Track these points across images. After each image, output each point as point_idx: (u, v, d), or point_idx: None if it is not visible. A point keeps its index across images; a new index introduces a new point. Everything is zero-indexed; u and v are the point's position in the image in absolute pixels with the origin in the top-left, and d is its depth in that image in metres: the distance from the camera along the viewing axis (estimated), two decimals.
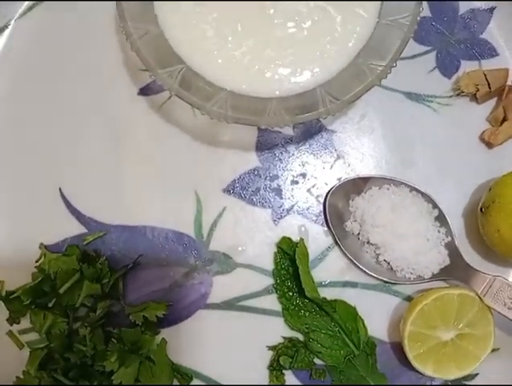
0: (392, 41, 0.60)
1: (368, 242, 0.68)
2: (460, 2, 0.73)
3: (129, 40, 0.59)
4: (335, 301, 0.69)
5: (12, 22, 0.73)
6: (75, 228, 0.70)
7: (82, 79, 0.72)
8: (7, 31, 0.72)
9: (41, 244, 0.70)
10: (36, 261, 0.69)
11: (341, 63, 0.62)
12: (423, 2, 0.65)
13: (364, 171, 0.71)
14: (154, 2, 0.62)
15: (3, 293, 0.69)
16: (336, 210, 0.70)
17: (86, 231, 0.70)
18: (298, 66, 0.61)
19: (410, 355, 0.65)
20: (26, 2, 0.73)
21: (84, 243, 0.70)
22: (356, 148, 0.71)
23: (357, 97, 0.59)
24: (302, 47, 0.61)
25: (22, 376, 0.66)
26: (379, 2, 0.62)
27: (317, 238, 0.71)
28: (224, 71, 0.61)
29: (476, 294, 0.66)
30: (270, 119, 0.59)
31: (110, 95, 0.71)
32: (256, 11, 0.62)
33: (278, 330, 0.69)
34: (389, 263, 0.68)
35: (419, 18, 0.59)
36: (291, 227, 0.71)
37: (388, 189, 0.69)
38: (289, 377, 0.69)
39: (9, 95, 0.72)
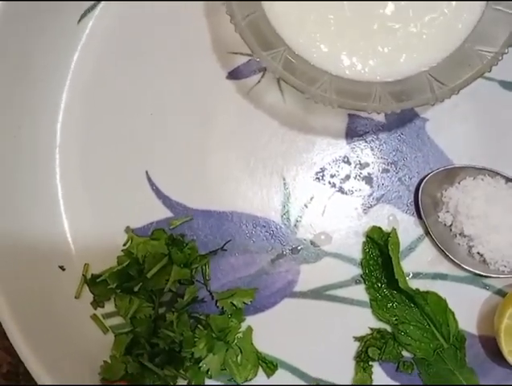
0: (502, 27, 0.59)
1: (461, 233, 0.67)
2: None
3: (233, 21, 0.58)
4: (427, 292, 0.67)
5: (101, 3, 0.71)
6: (161, 212, 0.70)
7: (170, 63, 0.71)
8: (96, 12, 0.71)
9: (127, 227, 0.69)
10: (124, 245, 0.67)
11: (448, 48, 0.60)
12: None
13: (457, 161, 0.69)
14: None
15: (89, 277, 0.68)
16: (428, 200, 0.69)
17: (172, 215, 0.69)
18: (404, 50, 0.60)
19: (505, 350, 0.64)
20: None
21: (171, 227, 0.69)
22: (449, 137, 0.70)
23: (467, 84, 0.58)
24: (408, 31, 0.60)
25: (109, 361, 0.65)
26: None
27: (407, 228, 0.69)
28: (327, 55, 0.60)
29: None
30: (375, 104, 0.58)
31: (198, 78, 0.71)
32: None
33: (365, 321, 0.68)
34: (482, 255, 0.67)
35: None
36: (380, 217, 0.70)
37: (483, 180, 0.68)
38: (375, 368, 0.67)
39: (96, 78, 0.72)
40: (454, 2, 0.60)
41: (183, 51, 0.71)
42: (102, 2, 0.71)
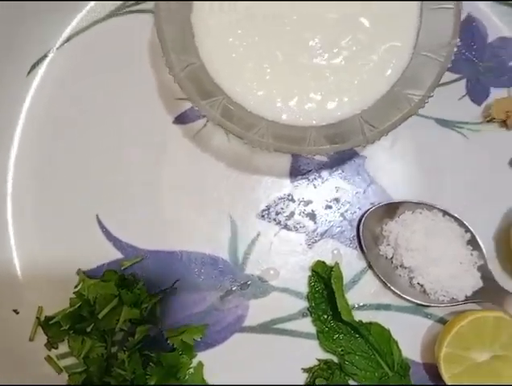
0: (429, 72, 0.62)
1: (401, 265, 0.70)
2: (490, 31, 0.75)
3: (171, 73, 0.60)
4: (370, 323, 0.70)
5: (51, 52, 0.74)
6: (112, 254, 0.72)
7: (120, 108, 0.73)
8: (47, 60, 0.74)
9: (79, 269, 0.71)
10: (75, 287, 0.69)
11: (379, 92, 0.63)
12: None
13: (397, 196, 0.72)
14: (196, 35, 0.63)
15: (42, 319, 0.70)
16: (369, 234, 0.71)
17: (123, 256, 0.71)
18: (336, 95, 0.63)
19: (445, 376, 0.66)
20: (64, 34, 0.74)
21: (122, 268, 0.71)
22: (388, 173, 0.73)
23: (396, 126, 0.60)
24: (340, 77, 0.63)
25: None
26: (415, 34, 0.63)
27: (351, 262, 0.72)
28: (264, 102, 0.63)
29: (511, 317, 0.67)
30: (310, 148, 0.60)
31: (147, 124, 0.73)
32: (296, 43, 0.63)
33: (312, 353, 0.70)
34: (422, 286, 0.69)
35: (455, 49, 0.60)
36: (324, 251, 0.72)
37: (421, 213, 0.71)
38: None
39: (48, 123, 0.74)
40: (382, 49, 0.63)
41: (131, 98, 0.73)
42: (51, 54, 0.73)
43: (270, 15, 0.63)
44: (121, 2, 0.75)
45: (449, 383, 0.67)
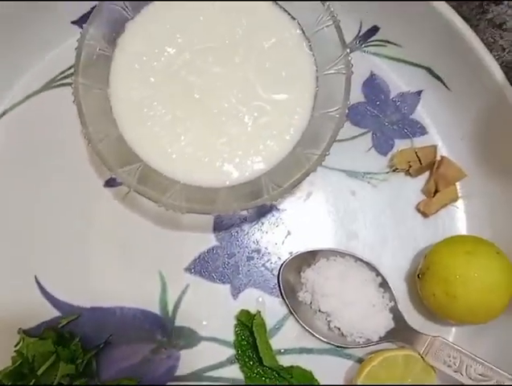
0: (325, 131, 0.66)
1: (319, 310, 0.74)
2: (391, 87, 0.81)
3: (90, 144, 0.65)
4: (291, 367, 0.74)
5: None
6: (50, 312, 0.76)
7: (53, 175, 0.78)
8: None
9: (19, 329, 0.75)
10: (15, 346, 0.74)
11: (281, 153, 0.68)
12: (358, 89, 0.74)
13: (313, 245, 0.77)
14: (113, 107, 0.69)
15: None
16: (289, 282, 0.76)
17: (60, 314, 0.76)
18: (243, 158, 0.68)
19: None
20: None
21: (59, 326, 0.75)
22: (304, 224, 0.78)
23: (297, 184, 0.65)
24: (246, 142, 0.68)
25: None
26: (313, 99, 0.69)
27: (274, 308, 0.77)
28: (178, 166, 0.67)
29: (419, 354, 0.71)
30: (220, 207, 0.65)
31: (79, 188, 0.78)
32: (203, 111, 0.68)
33: None
34: (339, 329, 0.74)
35: (347, 111, 0.66)
36: (249, 300, 0.77)
37: (335, 260, 0.75)
38: None
39: None
40: (284, 115, 0.69)
41: (64, 164, 0.78)
42: None
43: (179, 89, 0.69)
44: (53, 76, 0.81)
45: None
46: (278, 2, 0.70)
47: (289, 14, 0.70)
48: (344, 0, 0.74)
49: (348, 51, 0.66)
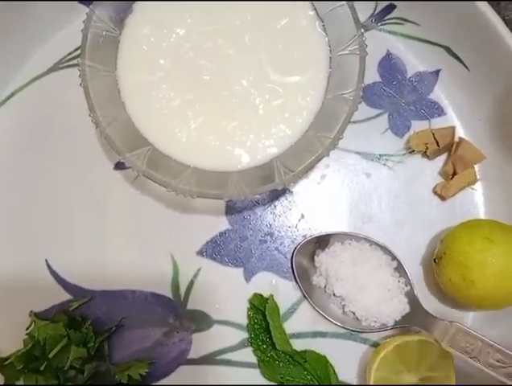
0: (339, 114, 0.65)
1: (334, 294, 0.73)
2: (408, 67, 0.79)
3: (98, 128, 0.64)
4: (305, 351, 0.73)
5: None
6: (62, 295, 0.75)
7: (62, 158, 0.78)
8: None
9: (31, 311, 0.75)
10: (26, 329, 0.73)
11: (294, 136, 0.67)
12: (373, 69, 0.72)
13: (327, 228, 0.76)
14: (121, 91, 0.67)
15: None
16: (302, 266, 0.75)
17: (72, 297, 0.75)
18: (255, 142, 0.66)
19: None
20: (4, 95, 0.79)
21: (70, 309, 0.75)
22: (318, 207, 0.77)
23: (310, 168, 0.64)
24: (257, 125, 0.67)
25: None
26: (326, 80, 0.67)
27: (287, 292, 0.76)
28: (187, 150, 0.66)
29: (435, 339, 0.70)
30: (231, 192, 0.64)
31: (89, 171, 0.77)
32: (213, 94, 0.67)
33: (255, 381, 0.74)
34: (354, 313, 0.73)
35: (361, 93, 0.64)
36: (262, 284, 0.76)
37: (349, 244, 0.74)
38: None
39: None
40: (297, 98, 0.67)
41: (74, 147, 0.78)
42: None
43: (189, 71, 0.68)
44: (59, 58, 0.80)
45: None
46: None
47: None
48: None
49: (362, 31, 0.65)
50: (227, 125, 0.67)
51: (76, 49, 0.74)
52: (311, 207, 0.77)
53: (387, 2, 0.78)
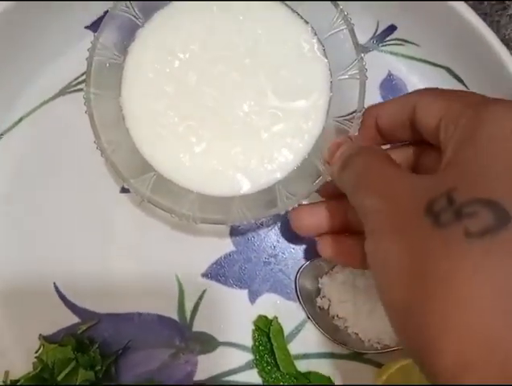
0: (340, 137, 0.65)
1: (337, 316, 0.74)
2: (409, 88, 0.80)
3: (103, 155, 0.65)
4: (309, 372, 0.74)
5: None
6: (70, 319, 0.76)
7: (70, 181, 0.79)
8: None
9: (40, 335, 0.76)
10: (36, 352, 0.75)
11: (295, 161, 0.67)
12: (375, 90, 0.73)
13: None
14: (125, 116, 0.68)
15: (8, 383, 0.75)
16: (306, 287, 0.76)
17: (79, 320, 0.76)
18: (257, 167, 0.67)
19: None
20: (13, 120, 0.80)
21: (78, 332, 0.76)
22: None
23: (311, 192, 0.64)
24: (259, 150, 0.67)
25: None
26: (327, 104, 0.68)
27: (292, 313, 0.76)
28: (191, 175, 0.67)
29: None
30: (234, 218, 0.65)
31: (95, 195, 0.78)
32: (216, 120, 0.68)
33: None
34: (357, 334, 0.74)
35: (362, 116, 0.64)
36: (267, 305, 0.77)
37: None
38: None
39: (5, 198, 0.79)
40: (299, 122, 0.68)
41: (81, 173, 0.79)
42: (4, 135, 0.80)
43: (192, 97, 0.69)
44: (67, 82, 0.81)
45: None
46: (289, 5, 0.69)
47: (302, 17, 0.69)
48: (360, 0, 0.73)
49: (362, 55, 0.65)
50: (230, 151, 0.68)
51: (83, 74, 0.74)
52: None
53: (388, 23, 0.78)
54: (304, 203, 0.66)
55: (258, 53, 0.69)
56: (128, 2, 0.67)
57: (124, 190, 0.78)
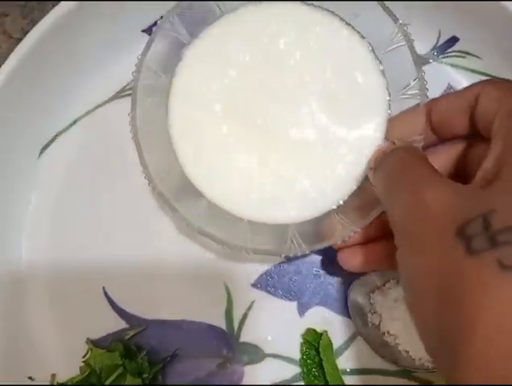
0: None
1: (388, 332, 0.73)
2: None
3: (151, 185, 0.63)
4: None
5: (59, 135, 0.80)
6: (117, 324, 0.76)
7: (123, 186, 0.78)
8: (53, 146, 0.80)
9: (87, 339, 0.76)
10: (83, 356, 0.75)
11: (352, 185, 0.65)
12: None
13: None
14: (173, 140, 0.66)
15: (55, 384, 0.76)
16: (357, 302, 0.75)
17: (127, 326, 0.76)
18: (314, 193, 0.65)
19: None
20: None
21: (126, 337, 0.76)
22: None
23: (369, 221, 0.62)
24: (316, 177, 0.65)
25: None
26: (385, 125, 0.65)
27: (342, 327, 0.76)
28: (242, 201, 0.65)
29: None
30: (288, 248, 0.63)
31: (148, 202, 0.78)
32: (267, 146, 0.65)
33: None
34: (408, 352, 0.72)
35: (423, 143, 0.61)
36: (316, 318, 0.76)
37: None
38: None
39: (56, 200, 0.79)
40: (354, 139, 0.65)
41: (130, 177, 0.77)
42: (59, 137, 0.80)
43: (242, 120, 0.66)
44: (123, 85, 0.80)
45: None
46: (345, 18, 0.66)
47: (358, 32, 0.66)
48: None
49: (423, 74, 0.63)
50: (282, 175, 0.65)
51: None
52: None
53: (450, 34, 0.76)
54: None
55: (313, 74, 0.66)
56: (174, 19, 0.65)
57: None
